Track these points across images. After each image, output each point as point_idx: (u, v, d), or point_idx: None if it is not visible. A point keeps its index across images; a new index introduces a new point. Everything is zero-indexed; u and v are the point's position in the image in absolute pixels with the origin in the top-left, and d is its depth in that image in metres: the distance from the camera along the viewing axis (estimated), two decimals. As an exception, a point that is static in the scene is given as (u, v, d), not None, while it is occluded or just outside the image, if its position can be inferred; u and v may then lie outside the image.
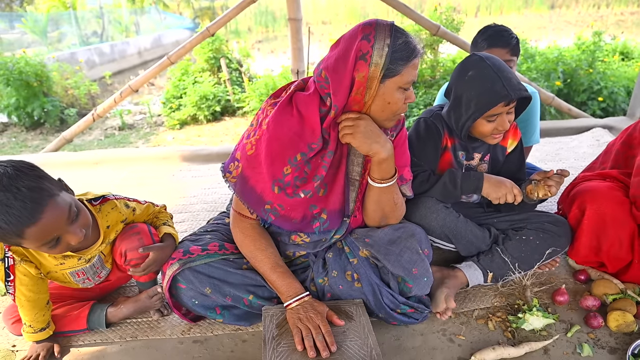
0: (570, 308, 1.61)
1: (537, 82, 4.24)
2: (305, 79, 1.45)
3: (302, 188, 1.37)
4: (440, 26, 3.41)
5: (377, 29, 1.25)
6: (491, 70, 1.51)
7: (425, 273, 1.46)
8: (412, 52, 1.27)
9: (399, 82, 1.28)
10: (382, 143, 1.34)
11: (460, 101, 1.59)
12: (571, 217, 1.74)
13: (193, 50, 6.63)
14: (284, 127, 1.34)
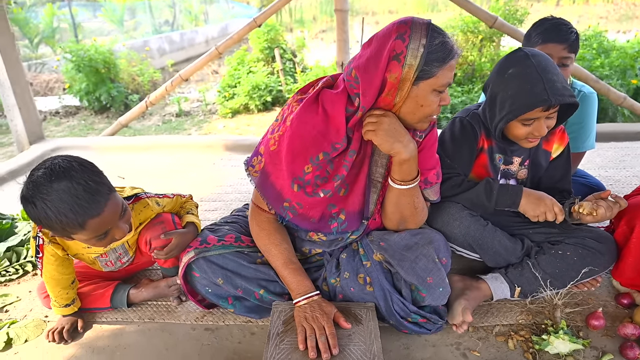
0: (606, 334, 1.46)
1: (609, 79, 3.87)
2: (335, 75, 1.42)
3: (322, 187, 1.35)
4: (498, 17, 3.20)
5: (413, 28, 1.18)
6: (534, 70, 1.39)
7: (440, 283, 1.39)
8: (449, 53, 1.20)
9: (433, 85, 1.21)
10: (404, 143, 1.28)
11: (495, 100, 1.48)
12: (618, 233, 1.57)
13: (249, 40, 6.80)
14: (307, 125, 1.32)
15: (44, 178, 1.20)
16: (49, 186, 1.19)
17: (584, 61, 4.06)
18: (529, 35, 1.88)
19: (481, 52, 4.79)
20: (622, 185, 2.46)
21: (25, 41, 9.38)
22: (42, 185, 1.19)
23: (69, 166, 1.22)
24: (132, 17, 12.73)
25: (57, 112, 6.11)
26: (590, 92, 2.00)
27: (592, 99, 2.00)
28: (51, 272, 1.44)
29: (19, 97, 3.19)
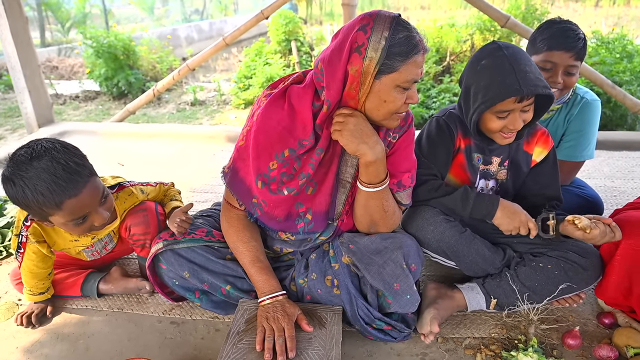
0: (581, 355, 1.39)
1: (628, 85, 3.68)
2: (306, 71, 1.40)
3: (287, 185, 1.33)
4: (510, 17, 3.08)
5: (377, 21, 1.16)
6: (506, 61, 1.35)
7: (408, 290, 1.35)
8: (413, 48, 1.16)
9: (396, 80, 1.18)
10: (370, 144, 1.25)
11: (469, 92, 1.44)
12: (604, 249, 1.50)
13: (268, 32, 6.79)
14: (272, 121, 1.30)
15: (24, 157, 1.22)
16: (28, 164, 1.21)
17: (605, 65, 3.87)
18: (534, 40, 1.78)
19: (498, 51, 4.63)
20: (627, 196, 2.34)
21: (57, 25, 9.62)
22: (22, 164, 1.22)
23: (50, 147, 1.25)
24: (164, 5, 12.89)
25: (77, 96, 6.24)
26: (593, 99, 1.90)
27: (594, 106, 1.89)
28: (30, 267, 1.47)
29: (29, 80, 3.26)
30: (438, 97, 4.52)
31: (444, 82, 4.74)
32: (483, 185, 1.62)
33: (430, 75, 4.87)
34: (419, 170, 1.51)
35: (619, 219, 1.47)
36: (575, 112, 1.87)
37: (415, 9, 17.12)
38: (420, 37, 1.18)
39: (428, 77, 4.89)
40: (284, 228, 1.44)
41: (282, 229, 1.44)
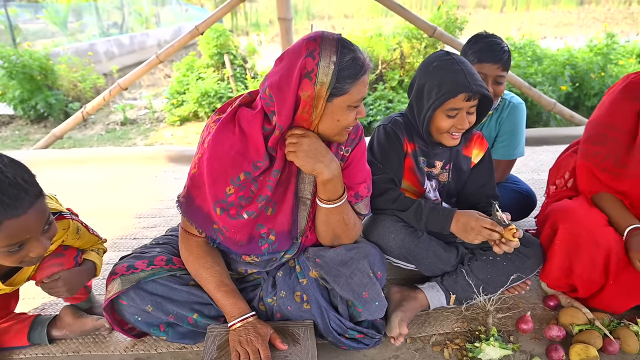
0: (534, 337, 1.52)
1: (541, 86, 4.08)
2: (253, 92, 1.40)
3: (246, 209, 1.33)
4: (437, 27, 3.30)
5: (323, 45, 1.19)
6: (455, 63, 1.49)
7: (376, 297, 1.39)
8: (360, 69, 1.21)
9: (347, 101, 1.23)
10: (326, 163, 1.28)
11: (422, 92, 1.54)
12: (544, 236, 1.64)
13: (198, 46, 6.65)
14: (224, 146, 1.29)
15: None
16: None
17: (519, 68, 4.27)
18: (465, 53, 1.93)
19: (425, 58, 4.93)
20: (552, 188, 2.59)
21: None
22: None
23: None
24: (77, 19, 12.11)
25: (-13, 122, 5.70)
26: (519, 102, 2.09)
27: (520, 108, 2.08)
28: None
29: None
30: (374, 104, 4.70)
31: (378, 89, 4.93)
32: (428, 186, 1.73)
33: (364, 83, 5.04)
34: (377, 178, 1.57)
35: (553, 208, 1.62)
36: (505, 115, 2.04)
37: (339, 17, 17.66)
38: (364, 56, 1.24)
39: (362, 85, 5.06)
40: (248, 251, 1.43)
41: (246, 252, 1.43)
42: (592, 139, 1.63)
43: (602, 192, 1.57)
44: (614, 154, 1.55)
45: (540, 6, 19.89)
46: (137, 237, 2.21)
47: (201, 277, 1.41)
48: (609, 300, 1.53)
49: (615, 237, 1.48)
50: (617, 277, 1.48)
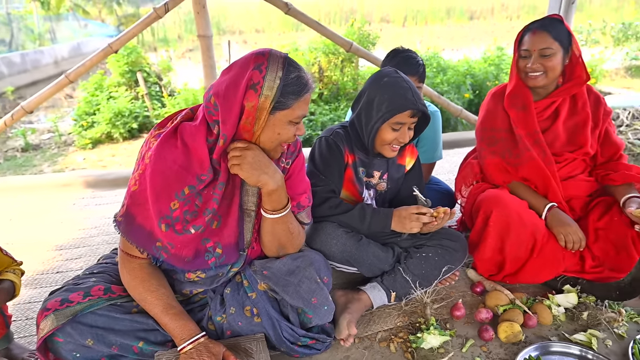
0: (467, 322, 1.67)
1: (448, 94, 4.48)
2: (194, 107, 1.40)
3: (192, 223, 1.31)
4: (353, 43, 3.48)
5: (270, 60, 1.25)
6: (404, 81, 1.62)
7: (325, 302, 1.45)
8: (304, 87, 1.28)
9: (289, 116, 1.28)
10: (270, 174, 1.32)
11: (372, 104, 1.64)
12: (478, 222, 1.81)
13: (108, 64, 6.29)
14: (167, 161, 1.27)
15: None
16: None
17: (427, 79, 4.65)
18: (385, 67, 2.09)
19: (343, 72, 5.16)
20: (467, 186, 2.85)
21: None
22: None
23: None
24: (-45, 36, 10.80)
25: None
26: (435, 110, 2.30)
27: (437, 116, 2.29)
28: None
29: None
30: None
31: (299, 103, 5.04)
32: (367, 195, 1.83)
33: (286, 97, 5.13)
34: (318, 189, 1.64)
35: (483, 198, 1.81)
36: (424, 122, 2.23)
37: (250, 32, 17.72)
38: (308, 76, 1.31)
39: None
40: (194, 267, 1.40)
41: (193, 267, 1.41)
42: (485, 141, 1.91)
43: (514, 182, 1.83)
44: (507, 149, 1.84)
45: (437, 21, 21.64)
46: (61, 270, 2.05)
47: (146, 302, 1.36)
48: (532, 273, 1.75)
49: (537, 218, 1.73)
50: (540, 252, 1.71)
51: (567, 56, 1.74)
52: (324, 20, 19.05)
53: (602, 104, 1.84)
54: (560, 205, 1.76)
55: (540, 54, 1.71)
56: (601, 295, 1.70)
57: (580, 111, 1.82)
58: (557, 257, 1.71)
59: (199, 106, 1.38)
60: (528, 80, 1.77)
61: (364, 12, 20.08)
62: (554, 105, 1.82)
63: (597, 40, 10.67)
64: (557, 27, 1.71)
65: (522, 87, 1.81)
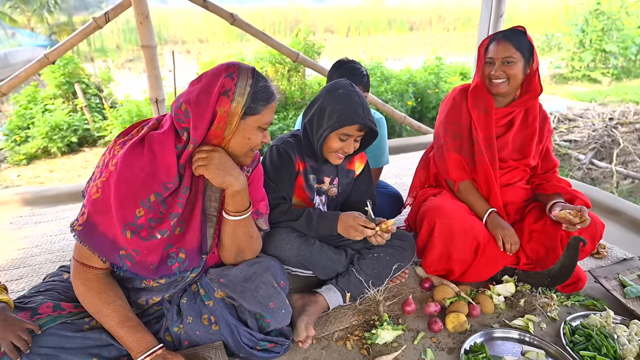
0: (418, 316, 1.77)
1: (392, 102, 4.67)
2: (159, 117, 1.43)
3: (157, 228, 1.32)
4: (300, 53, 3.56)
5: (240, 70, 1.33)
6: (357, 96, 1.70)
7: (282, 305, 1.48)
8: (271, 95, 1.37)
9: (258, 122, 1.36)
10: (235, 175, 1.37)
11: (324, 112, 1.70)
12: (423, 232, 1.90)
13: (42, 75, 5.95)
14: (134, 168, 1.28)
15: None
16: None
17: (372, 88, 4.83)
18: (331, 77, 2.17)
19: (290, 81, 5.24)
20: (413, 189, 3.00)
21: None
22: None
23: None
24: None
25: None
26: (380, 117, 2.41)
27: (382, 122, 2.40)
28: None
29: None
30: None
31: (248, 112, 5.03)
32: (318, 201, 1.90)
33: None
34: (269, 196, 1.68)
35: (426, 208, 1.91)
36: (370, 129, 2.34)
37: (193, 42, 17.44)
38: (274, 86, 1.40)
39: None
40: (159, 273, 1.39)
41: (157, 275, 1.39)
42: (449, 135, 2.02)
43: (466, 181, 1.96)
44: (465, 147, 1.97)
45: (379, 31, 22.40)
46: (0, 293, 1.92)
47: (102, 314, 1.33)
48: (476, 273, 1.88)
49: (477, 222, 1.85)
50: (483, 253, 1.83)
51: (528, 66, 1.86)
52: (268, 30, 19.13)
53: (547, 122, 2.03)
54: (500, 210, 1.91)
55: (502, 61, 1.82)
56: (535, 283, 1.86)
57: (530, 125, 1.97)
58: (497, 256, 1.85)
59: (164, 116, 1.42)
60: (492, 86, 1.88)
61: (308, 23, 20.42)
62: (511, 115, 1.95)
63: (524, 50, 11.50)
64: (519, 38, 1.84)
65: (486, 91, 1.93)
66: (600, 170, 4.80)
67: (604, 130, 5.47)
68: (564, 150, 5.21)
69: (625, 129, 5.53)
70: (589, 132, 5.56)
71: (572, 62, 10.60)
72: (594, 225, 1.80)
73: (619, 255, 2.19)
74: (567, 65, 10.77)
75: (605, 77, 10.40)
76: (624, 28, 10.36)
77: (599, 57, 10.41)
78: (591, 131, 5.57)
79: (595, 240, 1.82)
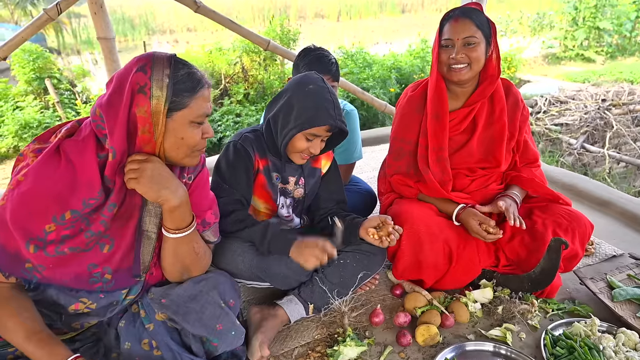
0: (386, 327, 1.63)
1: (374, 89, 4.49)
2: (81, 119, 1.24)
3: (68, 245, 1.15)
4: (270, 40, 3.36)
5: (155, 60, 1.14)
6: (328, 93, 1.54)
7: (231, 327, 1.33)
8: (197, 83, 1.17)
9: (188, 116, 1.17)
10: (172, 189, 1.19)
11: (292, 109, 1.54)
12: None
13: (11, 71, 5.72)
14: (48, 181, 1.11)
15: None
16: None
17: (353, 75, 4.64)
18: (297, 66, 1.99)
19: (267, 70, 5.03)
20: (392, 182, 2.84)
21: None
22: None
23: None
24: None
25: None
26: (352, 110, 2.24)
27: (353, 115, 2.23)
28: None
29: None
30: (222, 119, 4.62)
31: (225, 104, 4.86)
32: (282, 202, 1.74)
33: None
34: (223, 200, 1.52)
35: (393, 213, 1.74)
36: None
37: (181, 31, 17.12)
38: (201, 73, 1.20)
39: (208, 101, 4.94)
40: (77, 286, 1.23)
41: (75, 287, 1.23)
42: (393, 155, 1.85)
43: (420, 194, 1.80)
44: (411, 165, 1.80)
45: (370, 15, 22.03)
46: None
47: (6, 329, 1.17)
48: (453, 281, 1.73)
49: (447, 223, 1.69)
50: (458, 260, 1.68)
51: (489, 48, 1.63)
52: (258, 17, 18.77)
53: (519, 107, 1.77)
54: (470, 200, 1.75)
55: (463, 42, 1.57)
56: (515, 287, 1.72)
57: (497, 120, 1.73)
58: (474, 261, 1.71)
59: (86, 118, 1.23)
60: (452, 74, 1.62)
61: (298, 7, 20.03)
62: (471, 114, 1.72)
63: (515, 30, 11.31)
64: (479, 16, 1.60)
65: (442, 89, 1.69)
66: (593, 155, 4.64)
67: (596, 113, 5.29)
68: (554, 135, 5.05)
69: (619, 111, 5.36)
70: (581, 114, 5.39)
71: (565, 41, 10.36)
72: (582, 226, 1.65)
73: (607, 252, 2.05)
74: (560, 45, 10.54)
75: (599, 55, 10.18)
76: (618, 4, 10.11)
77: (592, 35, 10.18)
78: (583, 114, 5.39)
79: (584, 243, 1.67)
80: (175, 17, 18.37)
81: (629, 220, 2.33)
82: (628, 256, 2.01)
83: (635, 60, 10.10)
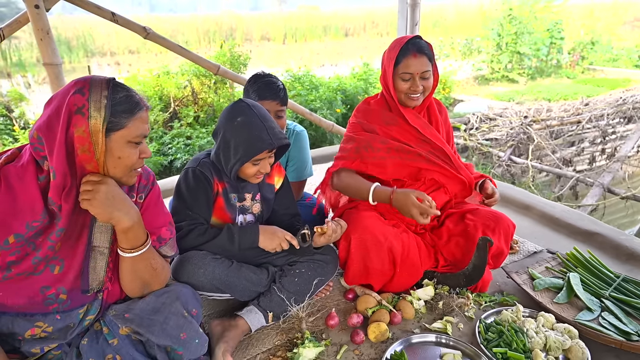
0: (341, 329, 1.76)
1: (321, 110, 4.70)
2: (21, 147, 1.28)
3: (16, 271, 1.18)
4: (220, 66, 3.48)
5: (92, 83, 1.20)
6: (258, 119, 1.63)
7: (195, 335, 1.40)
8: (136, 105, 1.24)
9: (126, 136, 1.23)
10: (125, 210, 1.25)
11: (229, 145, 1.64)
12: (342, 248, 1.89)
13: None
14: None
15: None
16: None
17: (301, 97, 4.84)
18: (247, 91, 2.12)
19: (217, 93, 5.11)
20: (341, 197, 3.01)
21: None
22: None
23: None
24: None
25: None
26: (301, 130, 2.40)
27: (303, 135, 2.39)
28: None
29: None
30: (172, 142, 4.62)
31: (175, 127, 4.87)
32: (242, 220, 1.84)
33: (159, 123, 4.92)
34: (184, 223, 1.60)
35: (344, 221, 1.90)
36: (291, 143, 2.32)
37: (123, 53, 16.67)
38: (139, 96, 1.28)
39: (157, 125, 4.93)
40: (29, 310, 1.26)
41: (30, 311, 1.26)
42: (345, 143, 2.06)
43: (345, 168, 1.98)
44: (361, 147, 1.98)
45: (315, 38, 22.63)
46: None
47: None
48: (399, 284, 1.90)
49: (391, 231, 1.84)
50: (402, 265, 1.85)
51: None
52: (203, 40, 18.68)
53: (448, 122, 2.11)
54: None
55: (421, 76, 1.84)
56: (453, 284, 1.92)
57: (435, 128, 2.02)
58: (417, 265, 1.89)
59: (25, 145, 1.27)
60: (410, 101, 1.89)
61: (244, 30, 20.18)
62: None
63: (447, 54, 12.18)
64: (429, 50, 1.87)
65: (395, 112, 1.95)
66: (519, 166, 5.13)
67: (520, 128, 5.86)
68: (485, 149, 5.51)
69: (539, 126, 5.97)
70: (508, 130, 5.94)
71: (492, 64, 11.33)
72: (505, 226, 1.88)
73: (530, 249, 2.33)
74: (488, 67, 11.49)
75: (521, 77, 11.21)
76: (534, 31, 11.24)
77: (515, 58, 11.21)
78: (509, 129, 5.94)
79: (508, 241, 1.91)
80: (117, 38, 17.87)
81: (547, 221, 2.66)
82: (546, 252, 2.31)
83: (551, 80, 11.23)
